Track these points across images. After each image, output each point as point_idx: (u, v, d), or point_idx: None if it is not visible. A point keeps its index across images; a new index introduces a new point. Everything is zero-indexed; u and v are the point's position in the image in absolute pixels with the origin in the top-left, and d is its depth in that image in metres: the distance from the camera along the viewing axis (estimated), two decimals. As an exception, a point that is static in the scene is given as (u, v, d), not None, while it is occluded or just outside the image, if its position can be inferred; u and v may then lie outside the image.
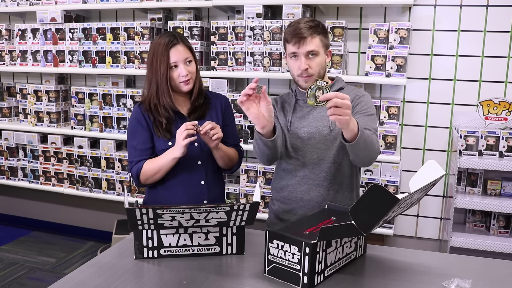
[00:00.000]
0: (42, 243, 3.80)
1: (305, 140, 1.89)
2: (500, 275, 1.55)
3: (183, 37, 1.91)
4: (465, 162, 2.57)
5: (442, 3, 2.78)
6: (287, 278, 1.42)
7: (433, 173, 1.49)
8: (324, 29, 1.84)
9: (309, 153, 1.89)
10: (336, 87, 1.92)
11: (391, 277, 1.51)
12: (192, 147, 1.90)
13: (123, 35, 3.13)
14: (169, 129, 1.89)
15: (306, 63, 1.79)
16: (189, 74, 1.86)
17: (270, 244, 1.45)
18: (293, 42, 1.78)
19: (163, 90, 1.85)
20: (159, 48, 1.84)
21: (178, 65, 1.84)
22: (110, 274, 1.49)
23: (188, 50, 1.87)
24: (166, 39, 1.84)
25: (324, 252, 1.41)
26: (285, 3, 2.78)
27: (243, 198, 3.06)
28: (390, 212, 1.33)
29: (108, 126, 3.25)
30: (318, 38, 1.79)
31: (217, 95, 2.07)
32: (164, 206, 1.47)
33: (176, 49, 1.84)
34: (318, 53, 1.80)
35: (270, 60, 2.85)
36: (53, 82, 3.51)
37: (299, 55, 1.79)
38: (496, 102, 2.71)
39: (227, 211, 1.51)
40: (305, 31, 1.77)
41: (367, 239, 1.66)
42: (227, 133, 2.01)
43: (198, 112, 1.94)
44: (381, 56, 2.70)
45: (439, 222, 3.00)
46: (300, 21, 1.83)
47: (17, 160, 3.62)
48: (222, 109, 2.02)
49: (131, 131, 1.95)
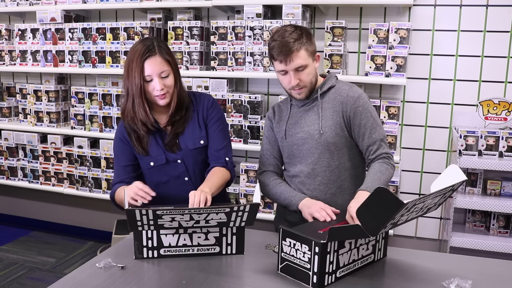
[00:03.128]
0: (42, 243, 3.80)
1: (300, 146, 1.88)
2: (500, 275, 1.55)
3: (162, 46, 1.75)
4: (465, 162, 2.57)
5: (442, 3, 2.77)
6: (299, 277, 1.43)
7: (453, 178, 1.48)
8: (308, 35, 1.78)
9: (304, 158, 1.87)
10: (326, 86, 1.87)
11: (399, 277, 1.50)
12: (175, 164, 1.84)
13: (123, 35, 3.13)
14: (143, 146, 1.81)
15: (296, 77, 1.77)
16: (165, 88, 1.73)
17: (283, 242, 1.46)
18: (279, 59, 1.75)
19: (138, 104, 1.73)
20: (134, 56, 1.71)
21: (152, 78, 1.71)
22: (110, 274, 1.49)
23: (165, 63, 1.72)
24: (143, 48, 1.70)
25: (336, 253, 1.41)
26: (285, 3, 2.78)
27: (243, 198, 3.06)
28: (398, 216, 1.32)
29: (108, 126, 3.25)
30: (303, 50, 1.75)
31: (201, 97, 1.91)
32: (164, 207, 1.47)
33: (151, 61, 1.69)
34: (306, 65, 1.77)
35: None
36: (53, 82, 3.51)
37: (288, 71, 1.77)
38: (496, 102, 2.71)
39: (227, 212, 1.51)
40: (289, 47, 1.72)
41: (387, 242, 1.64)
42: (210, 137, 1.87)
43: (176, 126, 1.82)
44: (381, 56, 2.70)
45: (439, 222, 3.00)
46: (283, 34, 1.75)
47: (17, 160, 3.62)
48: (205, 113, 1.88)
49: (115, 149, 1.88)
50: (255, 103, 2.95)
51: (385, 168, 1.77)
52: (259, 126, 2.95)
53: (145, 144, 1.81)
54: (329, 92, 1.88)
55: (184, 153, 1.83)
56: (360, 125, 1.81)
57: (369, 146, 1.81)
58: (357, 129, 1.82)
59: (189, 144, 1.84)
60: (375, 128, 1.81)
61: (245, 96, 2.96)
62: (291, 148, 1.90)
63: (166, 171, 1.84)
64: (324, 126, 1.83)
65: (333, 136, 1.83)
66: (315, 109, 1.87)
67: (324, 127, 1.83)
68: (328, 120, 1.84)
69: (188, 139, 1.84)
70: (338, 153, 1.84)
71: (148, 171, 1.86)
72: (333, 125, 1.83)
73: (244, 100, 2.96)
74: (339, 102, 1.84)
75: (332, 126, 1.83)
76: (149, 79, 1.71)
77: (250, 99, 2.95)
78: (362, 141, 1.83)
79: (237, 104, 2.96)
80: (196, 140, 1.85)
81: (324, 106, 1.86)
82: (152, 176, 1.86)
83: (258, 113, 2.95)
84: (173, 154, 1.83)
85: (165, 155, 1.82)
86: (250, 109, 2.95)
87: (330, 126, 1.83)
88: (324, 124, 1.83)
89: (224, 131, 1.91)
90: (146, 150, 1.82)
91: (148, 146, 1.82)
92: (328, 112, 1.85)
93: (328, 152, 1.84)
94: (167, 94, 1.75)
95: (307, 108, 1.89)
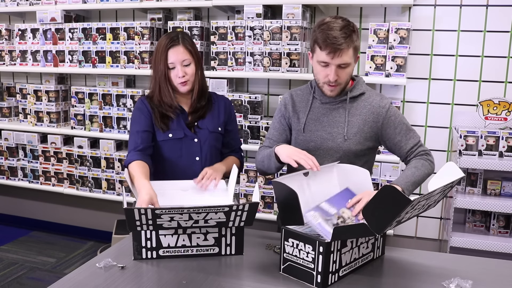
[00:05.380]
0: (42, 243, 3.80)
1: (318, 144, 1.84)
2: (500, 275, 1.55)
3: (186, 38, 1.93)
4: (465, 162, 2.57)
5: (442, 3, 2.77)
6: (302, 277, 1.44)
7: (451, 175, 1.48)
8: (357, 34, 1.72)
9: (319, 157, 1.79)
10: (357, 91, 1.84)
11: (399, 278, 1.51)
12: (191, 142, 1.96)
13: (123, 35, 3.13)
14: (166, 122, 1.93)
15: (337, 73, 1.72)
16: (186, 76, 1.90)
17: (286, 242, 1.46)
18: (326, 51, 1.68)
19: (163, 88, 1.92)
20: (159, 47, 1.90)
21: (175, 66, 1.89)
22: (110, 274, 1.49)
23: (187, 52, 1.90)
24: (167, 40, 1.89)
25: (339, 252, 1.41)
26: (285, 3, 2.78)
27: (243, 198, 3.06)
28: (403, 213, 1.33)
29: (108, 126, 3.25)
30: (352, 48, 1.70)
31: (220, 97, 2.11)
32: (163, 207, 1.47)
33: (174, 50, 1.88)
34: (349, 64, 1.73)
35: (270, 60, 2.85)
36: (53, 82, 3.51)
37: (330, 65, 1.71)
38: (496, 102, 2.71)
39: (226, 212, 1.51)
40: (341, 41, 1.66)
41: (385, 240, 1.65)
42: (231, 137, 2.10)
43: (199, 112, 1.99)
44: (381, 56, 2.70)
45: (439, 222, 3.00)
46: (334, 26, 1.68)
47: (17, 160, 3.62)
48: (225, 112, 2.06)
49: (132, 118, 1.98)
50: (255, 103, 2.95)
51: (421, 164, 1.77)
52: (259, 126, 2.95)
53: (167, 121, 1.94)
54: (359, 98, 1.85)
55: (203, 134, 1.97)
56: (395, 134, 1.82)
57: (407, 151, 1.84)
58: (393, 138, 1.83)
59: (210, 127, 1.99)
60: (409, 134, 1.84)
61: (245, 96, 2.96)
62: (308, 144, 1.85)
63: (180, 146, 1.95)
64: (349, 133, 1.81)
65: (356, 144, 1.81)
66: (341, 111, 1.83)
67: (349, 133, 1.81)
68: (353, 127, 1.81)
69: (209, 123, 2.00)
70: (354, 161, 1.82)
71: (164, 143, 1.94)
72: (358, 133, 1.81)
73: (244, 100, 2.96)
74: (370, 113, 1.82)
75: (357, 134, 1.81)
76: (171, 66, 1.89)
77: (250, 99, 2.95)
78: (400, 149, 1.84)
79: (237, 104, 2.96)
80: (215, 125, 2.01)
81: (352, 112, 1.83)
82: (165, 150, 1.95)
83: (258, 113, 2.95)
84: (191, 133, 1.97)
85: (184, 131, 1.95)
86: (250, 109, 2.95)
87: (355, 133, 1.81)
88: (349, 130, 1.81)
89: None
90: (168, 125, 1.94)
91: (170, 123, 1.94)
92: (355, 119, 1.82)
93: (346, 159, 1.81)
94: (188, 82, 1.91)
95: (332, 108, 1.85)
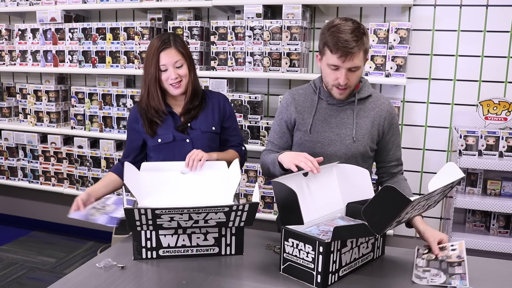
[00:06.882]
0: (42, 243, 3.80)
1: (325, 145, 1.83)
2: (500, 275, 1.55)
3: (177, 40, 1.91)
4: (465, 162, 2.57)
5: (442, 3, 2.77)
6: (302, 277, 1.43)
7: (451, 175, 1.48)
8: (367, 36, 1.71)
9: (326, 160, 1.78)
10: (365, 93, 1.84)
11: (399, 278, 1.50)
12: (183, 143, 1.95)
13: (123, 35, 3.13)
14: (154, 128, 1.95)
15: (347, 77, 1.70)
16: (179, 77, 1.89)
17: (286, 242, 1.45)
18: (337, 55, 1.65)
19: (152, 92, 1.91)
20: (151, 50, 1.89)
21: (167, 68, 1.87)
22: (110, 274, 1.49)
23: (179, 54, 1.88)
24: (158, 42, 1.87)
25: (339, 252, 1.41)
26: (285, 3, 2.78)
27: (243, 198, 3.06)
28: (404, 214, 1.33)
29: (108, 126, 3.25)
30: (362, 52, 1.68)
31: (215, 94, 2.08)
32: (163, 207, 1.47)
33: (166, 53, 1.86)
34: (359, 67, 1.71)
35: (270, 60, 2.85)
36: (53, 82, 3.51)
37: (340, 69, 1.69)
38: (496, 102, 2.71)
39: (226, 212, 1.51)
40: (352, 45, 1.63)
41: (385, 240, 1.66)
42: (229, 134, 2.07)
43: (192, 113, 1.98)
44: (381, 56, 2.70)
45: (439, 222, 3.00)
46: (345, 29, 1.65)
47: (17, 160, 3.62)
48: (220, 108, 2.04)
49: (127, 129, 2.05)
50: (255, 103, 2.95)
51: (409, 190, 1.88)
52: (259, 126, 2.95)
53: (155, 127, 1.95)
54: (367, 100, 1.85)
55: (195, 134, 1.97)
56: (389, 141, 1.87)
57: (391, 161, 1.90)
58: (385, 143, 1.87)
59: (202, 127, 1.98)
60: (399, 147, 1.92)
61: (245, 96, 2.96)
62: (314, 145, 1.84)
63: (173, 148, 1.95)
64: (357, 134, 1.81)
65: (364, 146, 1.82)
66: (349, 113, 1.83)
67: (357, 135, 1.81)
68: (361, 129, 1.82)
69: (202, 122, 1.98)
70: (361, 162, 1.82)
71: (156, 148, 1.97)
72: (366, 135, 1.82)
73: (244, 100, 2.96)
74: (378, 116, 1.83)
75: (365, 136, 1.82)
76: (163, 68, 1.88)
77: (250, 99, 2.95)
78: (386, 156, 1.89)
79: (237, 104, 2.96)
80: (209, 125, 2.00)
81: (360, 114, 1.83)
82: (159, 154, 1.97)
83: (258, 113, 2.95)
84: (182, 134, 1.96)
85: (173, 133, 1.95)
86: (250, 109, 2.95)
87: (363, 135, 1.82)
88: (357, 132, 1.81)
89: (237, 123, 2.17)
90: (155, 131, 1.95)
91: (157, 128, 1.96)
92: (363, 121, 1.82)
93: (354, 160, 1.81)
94: (181, 83, 1.90)
95: (339, 109, 1.84)
